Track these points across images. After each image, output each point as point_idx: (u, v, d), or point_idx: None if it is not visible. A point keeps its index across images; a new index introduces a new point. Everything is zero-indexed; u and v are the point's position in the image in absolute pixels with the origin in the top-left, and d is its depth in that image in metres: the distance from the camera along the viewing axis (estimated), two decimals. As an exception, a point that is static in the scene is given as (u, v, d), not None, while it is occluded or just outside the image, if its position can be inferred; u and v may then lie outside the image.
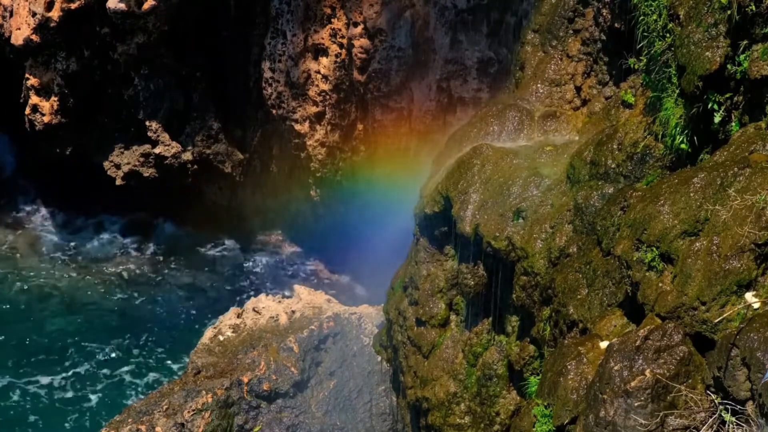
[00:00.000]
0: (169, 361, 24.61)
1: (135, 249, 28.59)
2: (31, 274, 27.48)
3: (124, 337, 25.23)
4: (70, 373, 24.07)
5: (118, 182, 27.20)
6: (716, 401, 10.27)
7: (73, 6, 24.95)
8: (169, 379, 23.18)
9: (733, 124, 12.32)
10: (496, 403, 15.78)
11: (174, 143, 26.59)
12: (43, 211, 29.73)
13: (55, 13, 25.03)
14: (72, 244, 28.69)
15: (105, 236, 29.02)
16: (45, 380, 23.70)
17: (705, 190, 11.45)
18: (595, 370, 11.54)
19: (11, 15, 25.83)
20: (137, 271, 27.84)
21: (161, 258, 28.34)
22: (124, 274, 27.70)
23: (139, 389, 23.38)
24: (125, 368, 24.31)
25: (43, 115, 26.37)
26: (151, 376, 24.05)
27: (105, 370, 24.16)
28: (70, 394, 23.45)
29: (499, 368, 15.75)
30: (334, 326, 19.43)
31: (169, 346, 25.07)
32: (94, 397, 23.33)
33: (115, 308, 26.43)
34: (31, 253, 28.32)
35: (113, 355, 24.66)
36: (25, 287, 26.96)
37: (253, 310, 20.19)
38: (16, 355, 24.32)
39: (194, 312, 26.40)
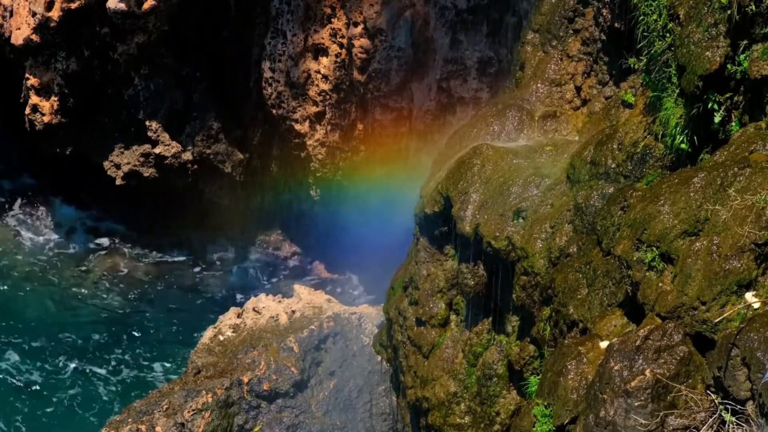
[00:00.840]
0: (168, 361, 24.60)
1: (133, 248, 28.58)
2: (28, 271, 27.48)
3: (122, 337, 25.23)
4: (65, 370, 24.09)
5: (118, 182, 27.19)
6: (716, 401, 10.27)
7: (73, 6, 24.95)
8: (168, 379, 23.18)
9: (733, 123, 12.33)
10: (496, 402, 15.78)
11: (174, 143, 26.59)
12: (42, 207, 29.73)
13: (55, 13, 25.03)
14: (70, 241, 28.69)
15: (103, 234, 29.01)
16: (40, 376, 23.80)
17: (705, 190, 11.45)
18: (595, 370, 11.54)
19: (11, 15, 25.83)
20: (135, 271, 27.83)
21: (160, 257, 28.33)
22: (121, 273, 27.69)
23: (138, 389, 23.36)
24: (123, 367, 24.30)
25: (43, 114, 26.37)
26: (150, 376, 24.04)
27: (99, 369, 24.15)
28: (64, 392, 23.48)
29: (499, 368, 15.75)
30: (334, 326, 19.44)
31: (168, 346, 25.06)
32: (88, 395, 23.33)
33: (112, 308, 26.41)
34: (28, 251, 28.31)
35: (108, 354, 24.65)
36: (20, 284, 26.99)
37: (253, 309, 20.20)
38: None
39: (194, 312, 26.39)
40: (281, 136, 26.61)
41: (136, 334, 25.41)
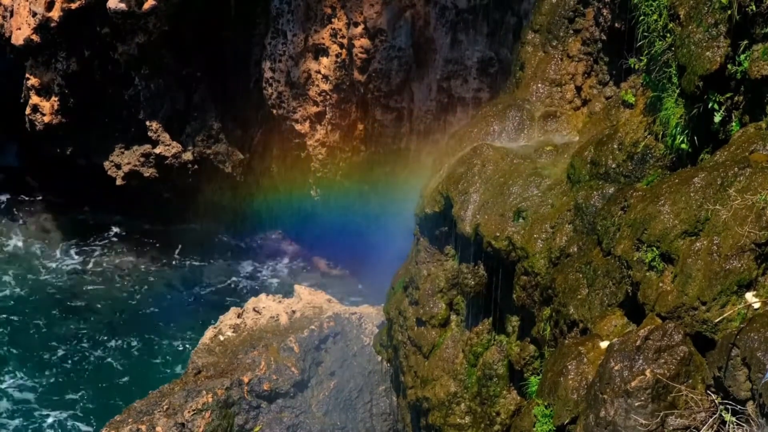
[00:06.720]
0: (168, 361, 24.60)
1: (134, 248, 28.59)
2: (26, 270, 27.48)
3: (122, 337, 25.24)
4: (65, 370, 24.12)
5: (119, 182, 27.21)
6: (716, 401, 10.27)
7: (73, 6, 24.96)
8: (168, 379, 23.17)
9: (734, 123, 12.32)
10: (497, 403, 15.77)
11: (174, 143, 26.60)
12: (43, 207, 29.75)
13: (55, 13, 25.04)
14: (70, 241, 28.69)
15: (104, 235, 29.01)
16: (41, 377, 23.80)
17: (705, 190, 11.45)
18: (595, 370, 11.55)
19: (11, 15, 25.84)
20: (136, 271, 27.83)
21: (161, 258, 28.34)
22: (123, 273, 27.69)
23: (138, 389, 23.35)
24: (122, 368, 24.31)
25: (44, 115, 26.38)
26: (150, 375, 24.05)
27: (100, 370, 24.16)
28: (62, 390, 23.50)
29: (499, 368, 15.75)
30: (335, 326, 19.44)
31: (168, 346, 25.07)
32: (89, 395, 23.34)
33: (113, 308, 26.42)
34: (29, 250, 28.32)
35: (109, 354, 24.66)
36: (20, 283, 27.00)
37: (254, 309, 20.20)
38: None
39: (194, 312, 26.40)
40: (281, 136, 26.62)
41: (134, 335, 25.43)
